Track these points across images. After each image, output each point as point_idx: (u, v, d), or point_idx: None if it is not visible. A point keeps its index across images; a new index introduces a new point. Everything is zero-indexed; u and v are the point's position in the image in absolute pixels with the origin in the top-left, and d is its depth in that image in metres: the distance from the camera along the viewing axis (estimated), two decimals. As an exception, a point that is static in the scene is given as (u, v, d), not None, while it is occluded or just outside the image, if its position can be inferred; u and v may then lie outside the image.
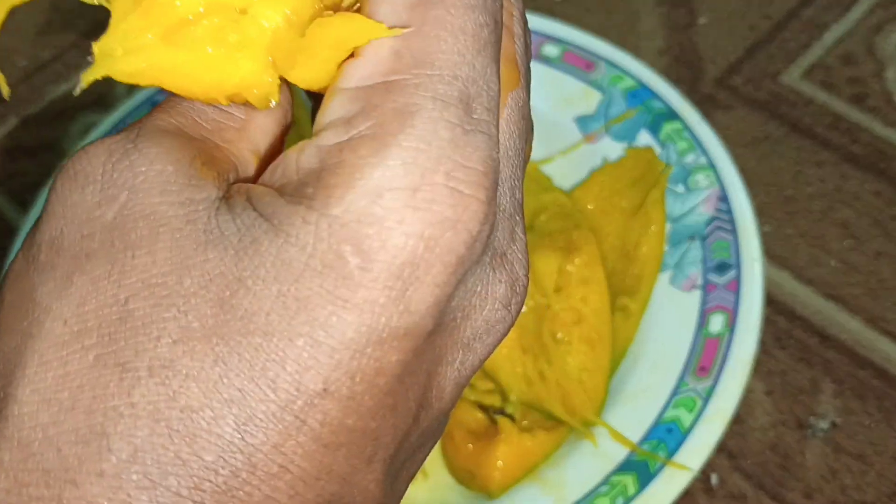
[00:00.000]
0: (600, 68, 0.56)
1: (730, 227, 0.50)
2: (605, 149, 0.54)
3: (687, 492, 0.44)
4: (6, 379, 0.20)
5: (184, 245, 0.20)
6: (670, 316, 0.48)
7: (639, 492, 0.43)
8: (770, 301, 0.50)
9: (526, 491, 0.45)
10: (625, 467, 0.44)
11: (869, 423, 0.47)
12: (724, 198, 0.51)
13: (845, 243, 0.53)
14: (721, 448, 0.46)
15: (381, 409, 0.21)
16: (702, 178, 0.52)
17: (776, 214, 0.54)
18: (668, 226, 0.51)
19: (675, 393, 0.46)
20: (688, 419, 0.45)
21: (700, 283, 0.49)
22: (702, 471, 0.44)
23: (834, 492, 0.45)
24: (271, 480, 0.20)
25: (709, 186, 0.51)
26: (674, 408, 0.45)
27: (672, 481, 0.43)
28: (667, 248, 0.50)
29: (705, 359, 0.46)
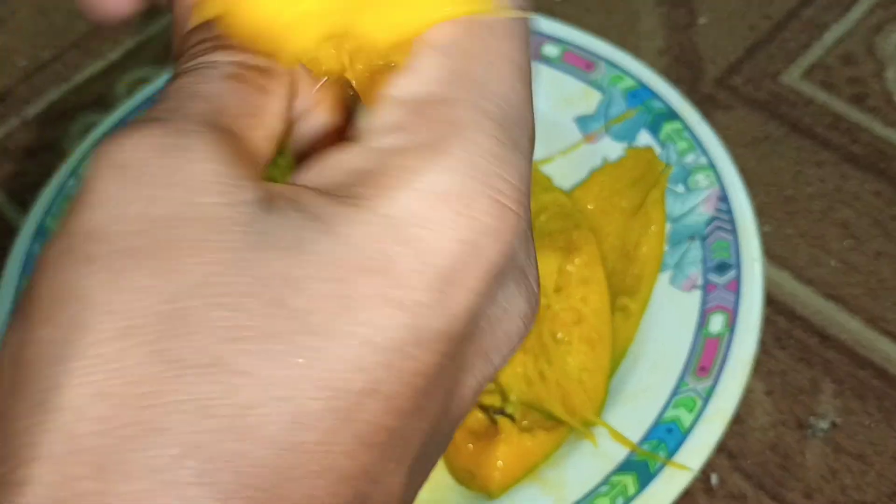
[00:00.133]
0: (600, 68, 0.56)
1: (730, 227, 0.50)
2: (605, 149, 0.54)
3: (687, 492, 0.44)
4: (50, 370, 0.20)
5: (236, 246, 0.20)
6: (670, 316, 0.48)
7: (639, 492, 0.43)
8: (770, 301, 0.50)
9: (526, 491, 0.45)
10: (625, 467, 0.44)
11: (869, 423, 0.47)
12: (724, 198, 0.51)
13: (845, 243, 0.53)
14: (721, 448, 0.46)
15: (414, 411, 0.22)
16: (702, 178, 0.52)
17: (776, 214, 0.54)
18: (668, 226, 0.51)
19: (675, 393, 0.46)
20: (688, 419, 0.45)
21: (700, 283, 0.49)
22: (702, 471, 0.44)
23: (834, 492, 0.45)
24: (314, 479, 0.20)
25: (709, 186, 0.51)
26: (674, 408, 0.45)
27: (672, 481, 0.43)
28: (667, 248, 0.50)
29: (705, 359, 0.46)
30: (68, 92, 0.65)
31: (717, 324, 0.47)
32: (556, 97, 0.56)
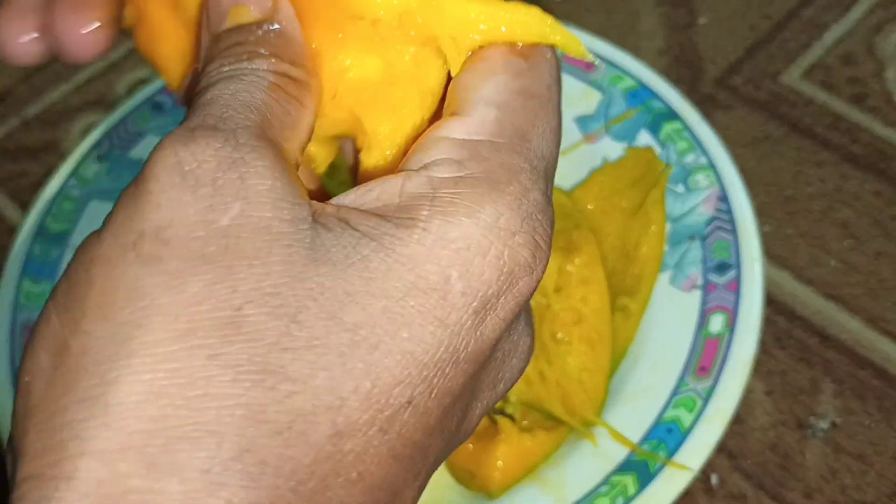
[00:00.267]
0: (600, 68, 0.56)
1: (730, 227, 0.50)
2: (605, 149, 0.54)
3: (687, 492, 0.44)
4: (104, 365, 0.20)
5: (295, 260, 0.21)
6: (670, 316, 0.48)
7: (639, 492, 0.43)
8: (770, 301, 0.50)
9: (526, 491, 0.45)
10: (625, 467, 0.44)
11: (869, 423, 0.47)
12: (724, 198, 0.51)
13: (845, 243, 0.53)
14: (721, 448, 0.46)
15: (437, 429, 0.23)
16: (702, 178, 0.52)
17: (776, 214, 0.54)
18: (668, 226, 0.51)
19: (675, 393, 0.46)
20: (688, 419, 0.45)
21: (700, 283, 0.49)
22: (702, 471, 0.44)
23: (834, 492, 0.45)
24: (349, 487, 0.21)
25: (709, 186, 0.51)
26: (674, 408, 0.45)
27: (672, 481, 0.43)
28: (667, 248, 0.50)
29: (705, 359, 0.46)
30: (68, 92, 0.65)
31: (717, 324, 0.47)
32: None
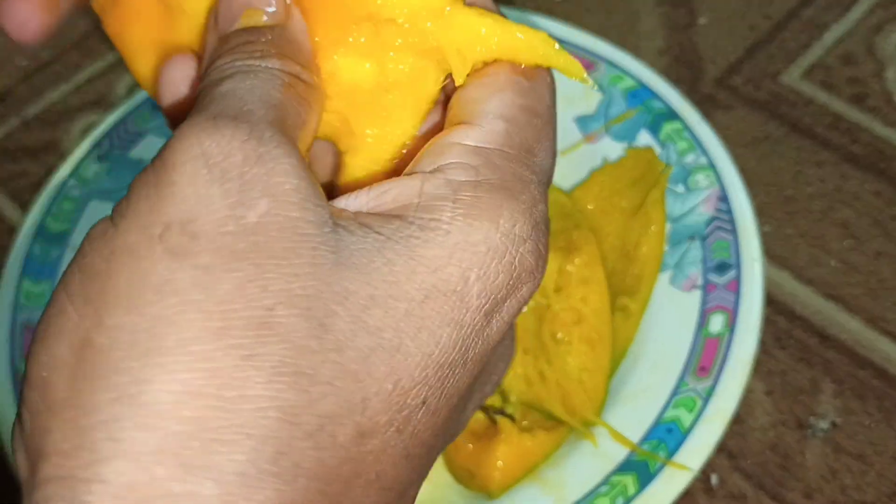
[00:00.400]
0: (600, 68, 0.56)
1: (730, 227, 0.50)
2: (605, 149, 0.54)
3: (687, 492, 0.44)
4: (136, 362, 0.20)
5: (321, 263, 0.21)
6: (670, 316, 0.48)
7: (639, 492, 0.43)
8: (770, 301, 0.50)
9: (526, 491, 0.45)
10: (625, 467, 0.44)
11: (869, 423, 0.47)
12: (724, 198, 0.51)
13: (845, 243, 0.53)
14: (721, 448, 0.46)
15: (443, 428, 0.23)
16: (702, 178, 0.52)
17: (776, 214, 0.54)
18: (668, 226, 0.51)
19: (675, 393, 0.46)
20: (688, 419, 0.45)
21: (700, 283, 0.49)
22: (702, 471, 0.44)
23: (834, 492, 0.45)
24: (367, 486, 0.21)
25: (709, 186, 0.51)
26: (674, 408, 0.45)
27: (672, 481, 0.43)
28: (667, 248, 0.50)
29: (705, 359, 0.46)
30: (68, 92, 0.65)
31: (717, 324, 0.47)
32: (556, 97, 0.56)
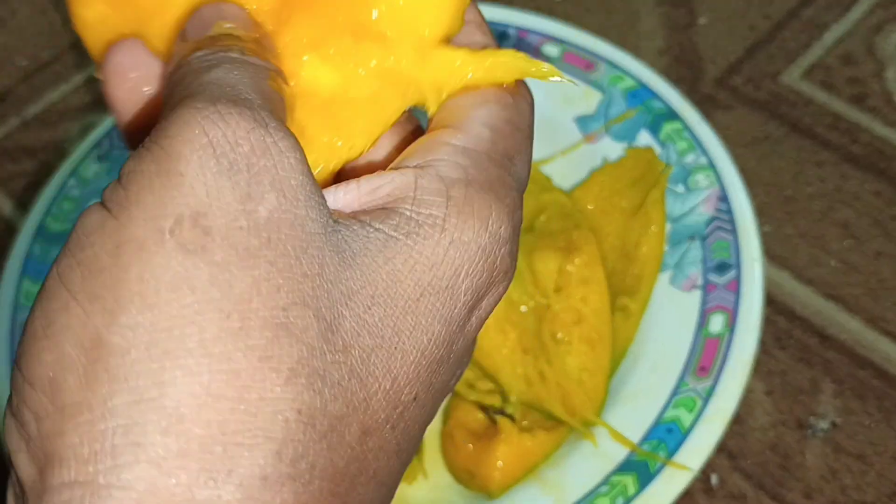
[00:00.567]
0: (600, 68, 0.56)
1: (730, 227, 0.50)
2: (605, 149, 0.54)
3: (687, 492, 0.44)
4: (154, 364, 0.19)
5: (328, 262, 0.21)
6: (670, 316, 0.48)
7: (639, 492, 0.43)
8: (770, 301, 0.50)
9: (526, 491, 0.45)
10: (625, 467, 0.44)
11: (869, 423, 0.47)
12: (724, 198, 0.51)
13: (845, 243, 0.53)
14: (721, 448, 0.46)
15: (427, 422, 0.24)
16: (702, 178, 0.52)
17: (776, 214, 0.54)
18: (668, 226, 0.51)
19: (675, 393, 0.46)
20: (688, 419, 0.45)
21: (700, 283, 0.49)
22: (702, 471, 0.44)
23: (834, 492, 0.45)
24: (367, 484, 0.22)
25: (709, 186, 0.51)
26: (674, 408, 0.45)
27: (672, 481, 0.43)
28: (667, 248, 0.50)
29: (705, 359, 0.46)
30: (68, 92, 0.65)
31: (717, 324, 0.47)
32: (557, 97, 0.56)
